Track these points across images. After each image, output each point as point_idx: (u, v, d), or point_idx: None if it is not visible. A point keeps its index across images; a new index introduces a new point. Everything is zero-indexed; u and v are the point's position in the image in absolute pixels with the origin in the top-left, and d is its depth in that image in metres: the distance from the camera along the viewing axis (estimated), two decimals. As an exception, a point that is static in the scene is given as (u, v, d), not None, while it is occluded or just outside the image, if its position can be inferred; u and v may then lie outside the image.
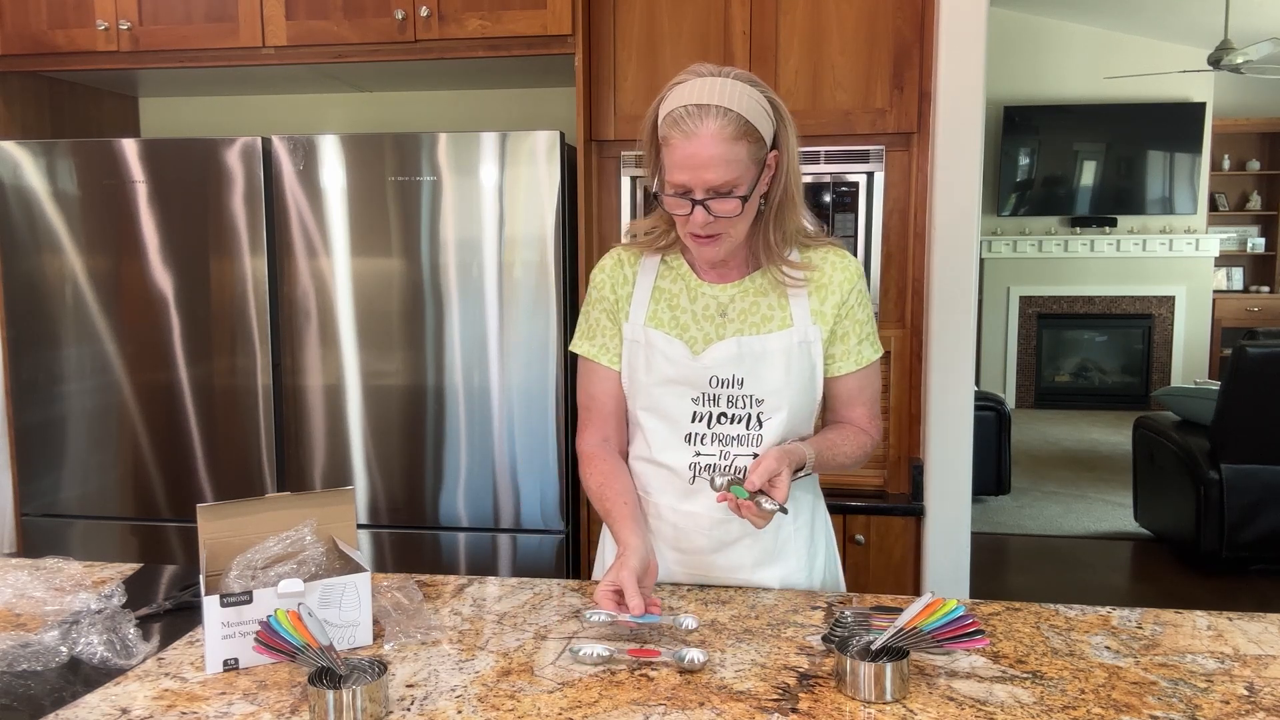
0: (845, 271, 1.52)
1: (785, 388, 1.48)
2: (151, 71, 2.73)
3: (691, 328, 1.50)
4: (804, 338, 1.49)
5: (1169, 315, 8.04)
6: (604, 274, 1.57)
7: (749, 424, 1.48)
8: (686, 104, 1.36)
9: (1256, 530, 4.16)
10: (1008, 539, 4.88)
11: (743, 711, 1.13)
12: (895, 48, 2.48)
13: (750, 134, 1.37)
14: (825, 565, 1.61)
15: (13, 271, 2.62)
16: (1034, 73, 7.69)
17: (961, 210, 2.43)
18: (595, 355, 1.57)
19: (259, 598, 1.25)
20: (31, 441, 2.66)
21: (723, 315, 1.50)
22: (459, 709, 1.14)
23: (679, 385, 1.49)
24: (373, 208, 2.48)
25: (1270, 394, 4.11)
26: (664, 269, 1.54)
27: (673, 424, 1.50)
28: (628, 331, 1.54)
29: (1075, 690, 1.18)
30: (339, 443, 2.56)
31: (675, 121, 1.36)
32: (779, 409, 1.47)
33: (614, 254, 1.58)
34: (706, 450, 1.49)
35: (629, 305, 1.54)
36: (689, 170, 1.36)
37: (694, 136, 1.35)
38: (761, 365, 1.47)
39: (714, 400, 1.48)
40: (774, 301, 1.50)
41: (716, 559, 1.53)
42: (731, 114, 1.35)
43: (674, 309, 1.52)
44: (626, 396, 1.56)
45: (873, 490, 2.58)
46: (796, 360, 1.49)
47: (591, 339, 1.58)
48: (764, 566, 1.53)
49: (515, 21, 2.47)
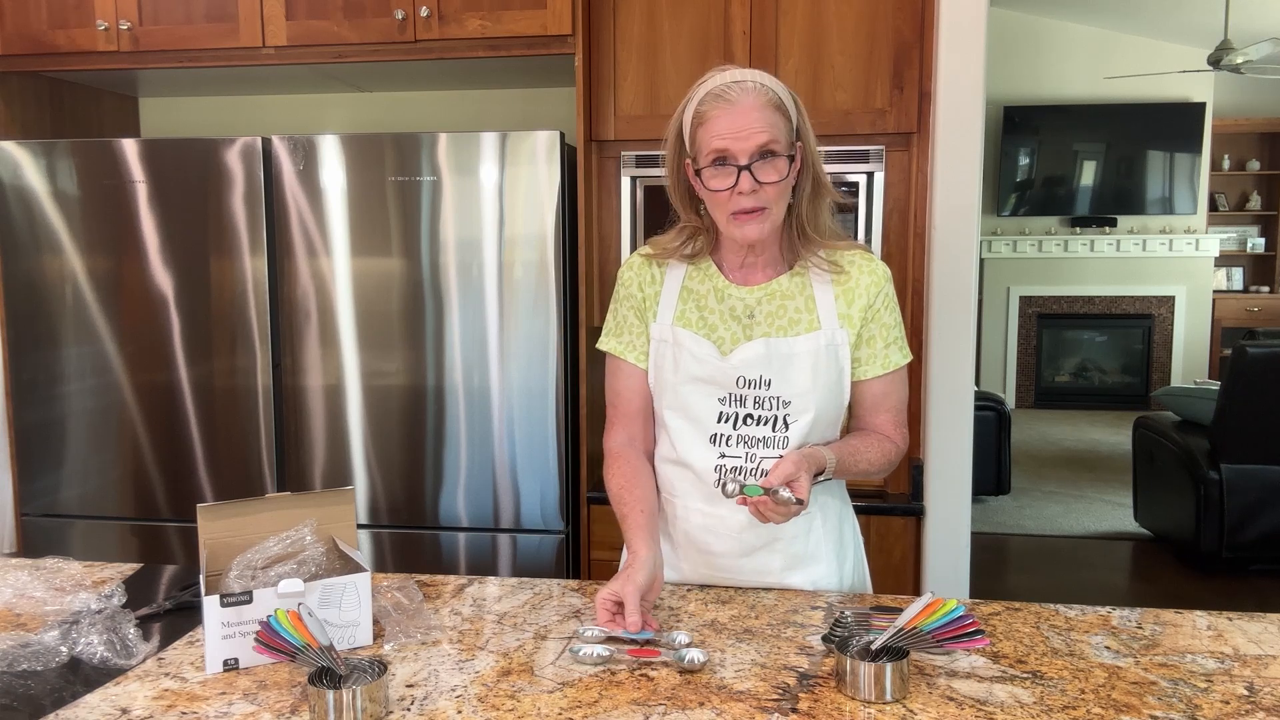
0: (873, 275, 1.51)
1: (812, 390, 1.47)
2: (151, 71, 2.73)
3: (720, 328, 1.50)
4: (831, 340, 1.49)
5: (1169, 315, 8.04)
6: (632, 272, 1.57)
7: (775, 426, 1.47)
8: (724, 83, 1.40)
9: (1256, 530, 4.16)
10: (1008, 539, 4.88)
11: (743, 711, 1.13)
12: (895, 48, 2.48)
13: (784, 111, 1.41)
14: (854, 569, 1.60)
15: (13, 271, 2.62)
16: (1034, 73, 7.69)
17: (961, 210, 2.43)
18: (621, 352, 1.57)
19: (259, 598, 1.25)
20: (31, 441, 2.66)
21: (750, 317, 1.50)
22: (459, 709, 1.14)
23: (706, 385, 1.49)
24: (373, 208, 2.48)
25: (1270, 394, 4.11)
26: (692, 270, 1.54)
27: (698, 424, 1.50)
28: (655, 331, 1.54)
29: (1075, 690, 1.18)
30: (339, 443, 2.56)
31: (715, 96, 1.40)
32: (805, 411, 1.47)
33: (641, 254, 1.58)
34: (732, 452, 1.48)
35: (657, 305, 1.54)
36: (732, 136, 1.38)
37: (736, 104, 1.38)
38: (789, 367, 1.47)
39: (740, 401, 1.48)
40: (801, 304, 1.50)
41: (743, 563, 1.52)
42: (767, 87, 1.41)
43: (702, 309, 1.52)
44: (653, 395, 1.56)
45: (873, 490, 2.58)
46: (824, 363, 1.48)
47: (618, 336, 1.58)
48: (793, 571, 1.52)
49: (515, 21, 2.47)
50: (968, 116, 2.40)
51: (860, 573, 1.63)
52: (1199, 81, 7.52)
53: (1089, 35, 7.60)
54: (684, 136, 1.45)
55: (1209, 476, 4.18)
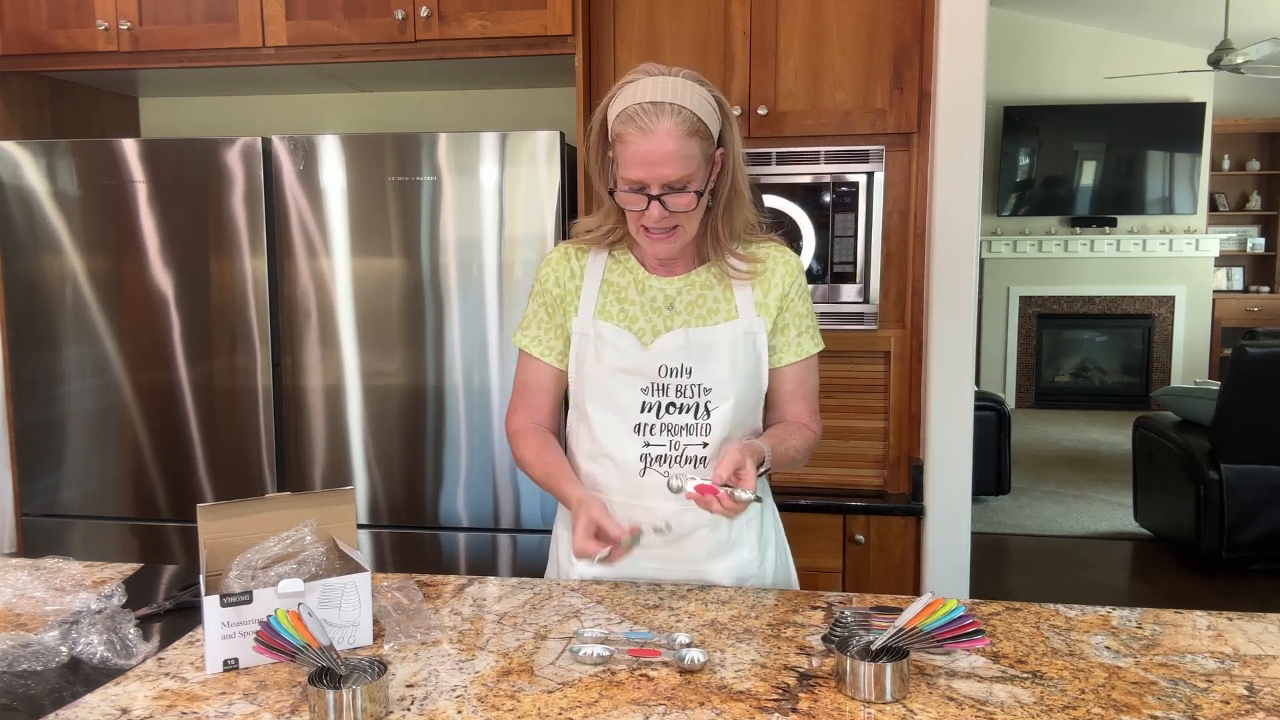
0: (787, 265, 1.56)
1: (731, 378, 1.51)
2: (151, 71, 2.73)
3: (640, 319, 1.53)
4: (749, 329, 1.53)
5: (1169, 315, 8.04)
6: (549, 268, 1.60)
7: (697, 413, 1.51)
8: (641, 101, 1.39)
9: (1256, 530, 4.16)
10: (1008, 539, 4.88)
11: (743, 711, 1.13)
12: (895, 48, 2.48)
13: (702, 131, 1.41)
14: (776, 557, 1.64)
15: (13, 271, 2.62)
16: (1034, 73, 7.69)
17: (961, 210, 2.43)
18: (527, 346, 1.61)
19: (259, 598, 1.25)
20: (31, 441, 2.66)
21: (670, 308, 1.53)
22: (459, 709, 1.14)
23: (628, 375, 1.52)
24: (373, 208, 2.48)
25: (1270, 394, 4.11)
26: (612, 263, 1.57)
27: (622, 414, 1.52)
28: (576, 325, 1.56)
29: (1075, 690, 1.18)
30: (339, 443, 2.56)
31: (631, 118, 1.39)
32: (726, 398, 1.51)
33: (560, 249, 1.61)
34: (656, 440, 1.51)
35: (577, 299, 1.57)
36: (645, 166, 1.39)
37: (650, 133, 1.38)
38: (708, 356, 1.51)
39: (663, 390, 1.51)
40: (720, 294, 1.54)
41: (670, 551, 1.54)
42: (685, 111, 1.39)
43: (622, 301, 1.55)
44: (573, 390, 1.59)
45: (873, 490, 2.58)
46: (742, 350, 1.52)
47: (526, 329, 1.62)
48: (717, 558, 1.56)
49: (515, 21, 2.47)
50: (968, 116, 2.40)
51: (784, 561, 1.67)
52: (1199, 81, 7.52)
53: (1089, 35, 7.60)
54: (608, 132, 1.45)
55: (1209, 476, 4.18)
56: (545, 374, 1.61)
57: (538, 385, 1.61)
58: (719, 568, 1.56)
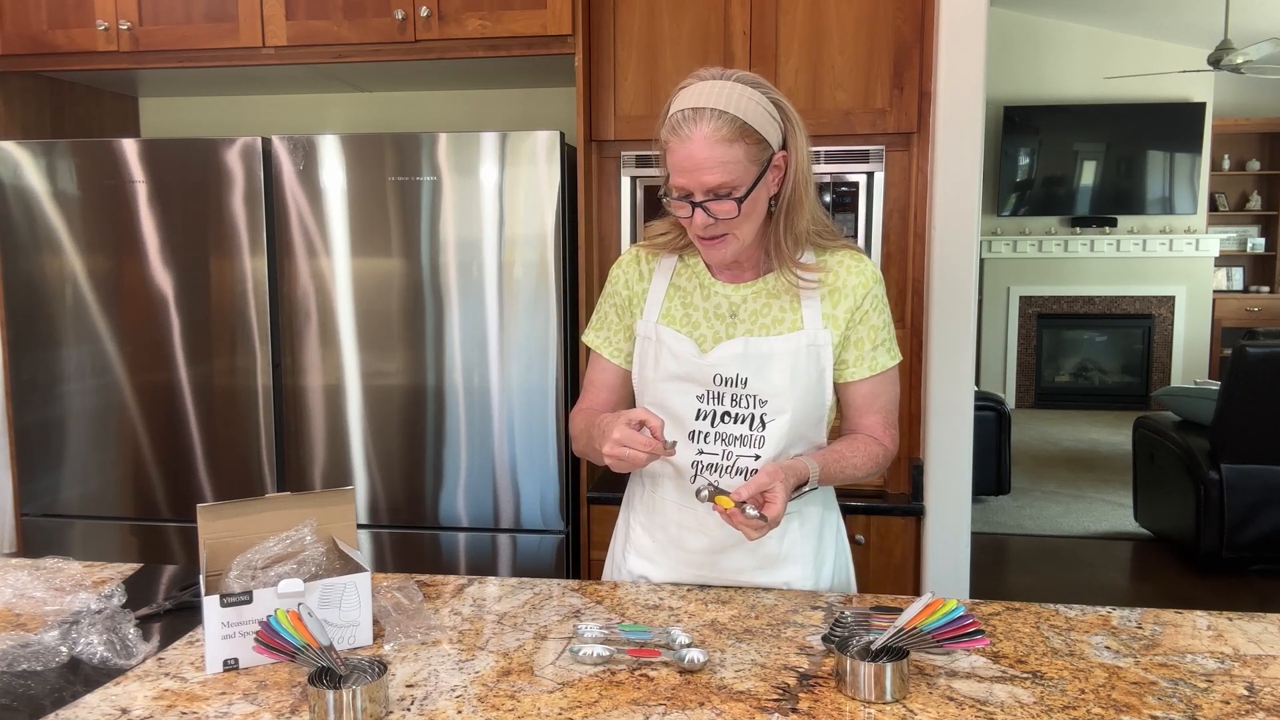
0: (860, 275, 1.51)
1: (790, 390, 1.47)
2: (151, 71, 2.73)
3: (702, 325, 1.52)
4: (813, 341, 1.49)
5: (1169, 315, 8.04)
6: (620, 269, 1.60)
7: (752, 424, 1.48)
8: (683, 108, 1.38)
9: (1256, 530, 4.16)
10: (1008, 539, 4.88)
11: (743, 711, 1.13)
12: (895, 48, 2.48)
13: (748, 135, 1.37)
14: (835, 574, 1.60)
15: (13, 271, 2.62)
16: (1034, 73, 7.69)
17: (961, 210, 2.43)
18: (598, 346, 1.63)
19: (259, 598, 1.25)
20: (31, 441, 2.66)
21: (733, 315, 1.51)
22: (459, 709, 1.14)
23: (684, 382, 1.50)
24: (373, 208, 2.48)
25: (1270, 394, 4.11)
26: (681, 267, 1.56)
27: (678, 421, 1.51)
28: (640, 328, 1.56)
29: (1075, 690, 1.18)
30: (339, 443, 2.56)
31: (673, 127, 1.39)
32: (783, 411, 1.47)
33: (633, 251, 1.61)
34: (710, 449, 1.50)
35: (644, 302, 1.56)
36: (685, 173, 1.38)
37: (688, 140, 1.37)
38: (767, 366, 1.47)
39: (718, 399, 1.49)
40: (786, 304, 1.50)
41: (718, 560, 1.53)
42: (726, 116, 1.36)
43: (687, 306, 1.54)
44: (636, 393, 1.58)
45: (873, 490, 2.58)
46: (803, 363, 1.48)
47: (597, 330, 1.63)
48: (765, 572, 1.53)
49: (515, 21, 2.47)
50: (968, 116, 2.40)
51: (842, 577, 1.63)
52: (1199, 81, 7.52)
53: (1089, 35, 7.60)
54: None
55: (1209, 476, 4.18)
56: (611, 373, 1.62)
57: (603, 383, 1.63)
58: (767, 582, 1.53)
